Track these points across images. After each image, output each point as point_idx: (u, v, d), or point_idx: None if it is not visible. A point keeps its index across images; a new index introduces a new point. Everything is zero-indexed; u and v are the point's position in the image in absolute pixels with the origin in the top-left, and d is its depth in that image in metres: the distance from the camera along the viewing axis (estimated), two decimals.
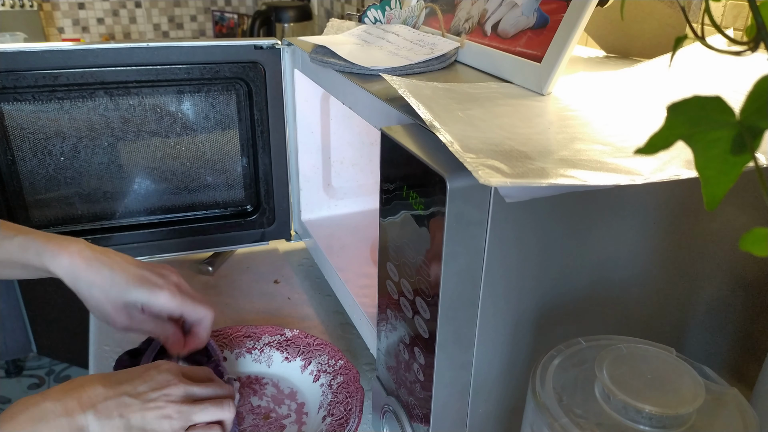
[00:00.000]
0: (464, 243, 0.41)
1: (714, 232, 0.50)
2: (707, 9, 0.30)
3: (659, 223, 0.48)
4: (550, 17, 0.56)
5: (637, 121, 0.49)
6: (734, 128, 0.23)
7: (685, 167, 0.40)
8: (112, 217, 0.85)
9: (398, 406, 0.54)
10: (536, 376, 0.40)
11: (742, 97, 0.23)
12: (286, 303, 0.86)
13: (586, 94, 0.56)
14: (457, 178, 0.39)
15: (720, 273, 0.53)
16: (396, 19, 0.78)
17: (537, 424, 0.38)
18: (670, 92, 0.57)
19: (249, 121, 0.85)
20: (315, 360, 0.71)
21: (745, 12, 0.70)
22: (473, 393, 0.47)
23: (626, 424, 0.36)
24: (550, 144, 0.43)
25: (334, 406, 0.64)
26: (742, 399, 0.38)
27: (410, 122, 0.48)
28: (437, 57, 0.63)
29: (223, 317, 0.83)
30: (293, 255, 1.00)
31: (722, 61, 0.61)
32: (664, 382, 0.37)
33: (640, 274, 0.49)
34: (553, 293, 0.46)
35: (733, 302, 0.55)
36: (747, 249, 0.23)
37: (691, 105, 0.23)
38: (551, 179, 0.37)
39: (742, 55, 0.29)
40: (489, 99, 0.53)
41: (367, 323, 0.67)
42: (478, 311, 0.44)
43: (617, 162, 0.41)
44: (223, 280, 0.92)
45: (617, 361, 0.39)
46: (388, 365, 0.55)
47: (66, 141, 0.79)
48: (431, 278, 0.43)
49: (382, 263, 0.52)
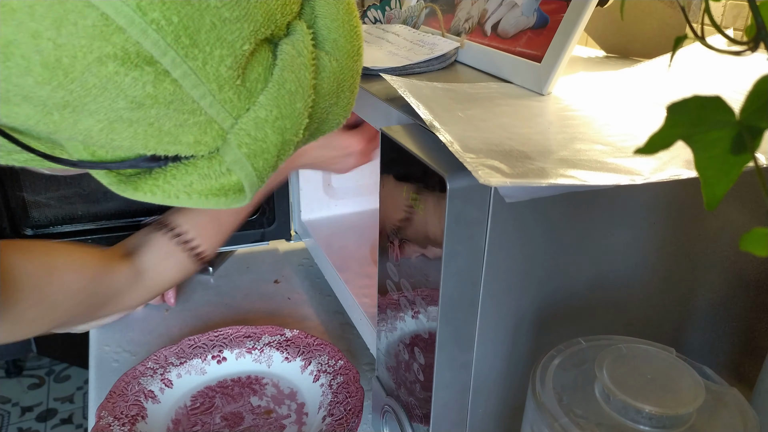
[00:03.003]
0: (464, 243, 0.41)
1: (714, 232, 0.50)
2: (707, 9, 0.30)
3: (659, 223, 0.48)
4: (550, 17, 0.56)
5: (637, 121, 0.49)
6: (734, 128, 0.23)
7: (685, 167, 0.40)
8: (112, 217, 0.85)
9: (398, 406, 0.54)
10: (536, 376, 0.40)
11: (742, 97, 0.23)
12: (286, 303, 0.86)
13: (586, 94, 0.56)
14: (457, 178, 0.39)
15: (720, 273, 0.53)
16: (396, 19, 0.78)
17: (537, 424, 0.38)
18: (670, 92, 0.57)
19: None
20: (315, 360, 0.71)
21: (745, 12, 0.70)
22: (473, 393, 0.47)
23: (626, 424, 0.36)
24: (550, 144, 0.43)
25: (334, 406, 0.64)
26: (742, 399, 0.38)
27: (410, 122, 0.48)
28: (437, 57, 0.63)
29: (223, 317, 0.83)
30: (293, 255, 1.00)
31: (722, 61, 0.61)
32: (664, 382, 0.37)
33: (640, 274, 0.49)
34: (553, 293, 0.46)
35: (733, 302, 0.55)
36: (747, 249, 0.23)
37: (691, 105, 0.23)
38: (551, 179, 0.37)
39: (742, 55, 0.29)
40: (489, 99, 0.53)
41: (367, 323, 0.67)
42: (478, 311, 0.44)
43: (617, 162, 0.41)
44: (223, 280, 0.92)
45: (617, 361, 0.39)
46: (388, 365, 0.55)
47: None
48: (431, 278, 0.43)
49: (382, 263, 0.52)
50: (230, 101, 0.34)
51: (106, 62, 0.30)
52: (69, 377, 2.09)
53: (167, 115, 0.33)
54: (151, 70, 0.31)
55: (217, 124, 0.34)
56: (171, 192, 0.36)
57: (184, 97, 0.32)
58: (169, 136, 0.34)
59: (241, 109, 0.35)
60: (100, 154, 0.35)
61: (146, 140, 0.33)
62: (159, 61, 0.31)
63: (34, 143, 0.35)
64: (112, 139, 0.33)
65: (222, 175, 0.36)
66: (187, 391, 0.68)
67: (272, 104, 0.36)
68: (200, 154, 0.36)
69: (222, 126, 0.35)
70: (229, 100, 0.34)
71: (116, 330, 0.79)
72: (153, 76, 0.31)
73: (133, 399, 0.65)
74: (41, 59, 0.29)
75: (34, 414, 1.93)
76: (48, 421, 1.91)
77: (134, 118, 0.32)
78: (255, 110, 0.35)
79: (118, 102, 0.31)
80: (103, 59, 0.29)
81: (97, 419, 0.62)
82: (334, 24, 0.40)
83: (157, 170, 0.36)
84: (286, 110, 0.36)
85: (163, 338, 0.78)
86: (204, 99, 0.33)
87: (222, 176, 0.36)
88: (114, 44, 0.29)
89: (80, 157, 0.36)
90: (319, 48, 0.40)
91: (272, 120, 0.36)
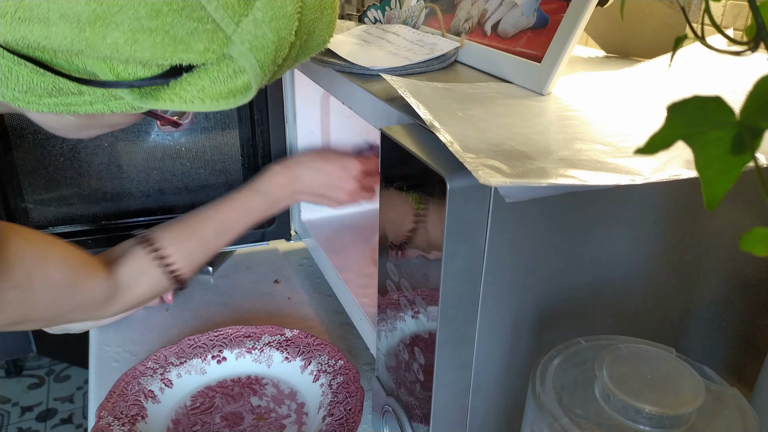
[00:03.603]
0: (464, 243, 0.41)
1: (714, 232, 0.50)
2: (707, 9, 0.30)
3: (659, 223, 0.48)
4: (550, 17, 0.56)
5: (637, 121, 0.49)
6: (734, 128, 0.23)
7: (685, 167, 0.40)
8: (112, 217, 0.85)
9: (398, 406, 0.54)
10: (536, 376, 0.40)
11: (742, 97, 0.23)
12: (286, 303, 0.86)
13: (586, 94, 0.56)
14: (457, 178, 0.39)
15: (720, 273, 0.53)
16: (396, 19, 0.78)
17: (537, 424, 0.38)
18: (670, 92, 0.57)
19: (249, 121, 0.85)
20: (315, 360, 0.71)
21: (745, 12, 0.70)
22: (473, 393, 0.47)
23: (626, 424, 0.36)
24: (550, 144, 0.43)
25: (334, 406, 0.64)
26: (742, 399, 0.38)
27: (410, 122, 0.48)
28: (437, 57, 0.63)
29: (223, 317, 0.83)
30: (293, 255, 1.00)
31: (722, 61, 0.61)
32: (664, 382, 0.37)
33: (640, 274, 0.49)
34: (553, 293, 0.46)
35: (733, 302, 0.55)
36: (747, 249, 0.23)
37: (691, 105, 0.23)
38: (551, 179, 0.37)
39: (742, 55, 0.29)
40: (489, 99, 0.53)
41: (367, 323, 0.67)
42: (478, 311, 0.44)
43: (617, 162, 0.41)
44: (223, 280, 0.92)
45: (617, 361, 0.39)
46: (388, 365, 0.55)
47: (66, 141, 0.79)
48: (431, 278, 0.43)
49: (382, 263, 0.52)
50: (231, 6, 0.39)
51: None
52: (69, 377, 2.09)
53: (180, 23, 0.38)
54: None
55: (222, 32, 0.40)
56: (186, 97, 0.42)
57: (193, 3, 0.38)
58: (182, 44, 0.39)
59: (241, 15, 0.40)
60: (123, 74, 0.40)
61: (164, 49, 0.39)
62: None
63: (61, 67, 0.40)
64: (135, 50, 0.38)
65: (230, 77, 0.42)
66: (187, 391, 0.68)
67: (267, 7, 0.41)
68: (210, 62, 0.41)
69: (226, 32, 0.40)
70: (231, 6, 0.39)
71: (116, 330, 0.79)
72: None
73: (133, 399, 0.65)
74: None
75: (34, 414, 1.93)
76: (48, 421, 1.91)
77: (153, 27, 0.37)
78: (253, 13, 0.41)
79: (139, 11, 0.36)
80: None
81: (97, 419, 0.62)
82: None
83: (173, 82, 0.42)
84: (279, 12, 0.42)
85: (163, 338, 0.78)
86: (210, 3, 0.38)
87: (230, 79, 0.42)
88: None
89: (106, 77, 0.40)
90: None
91: (268, 20, 0.41)
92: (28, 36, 0.36)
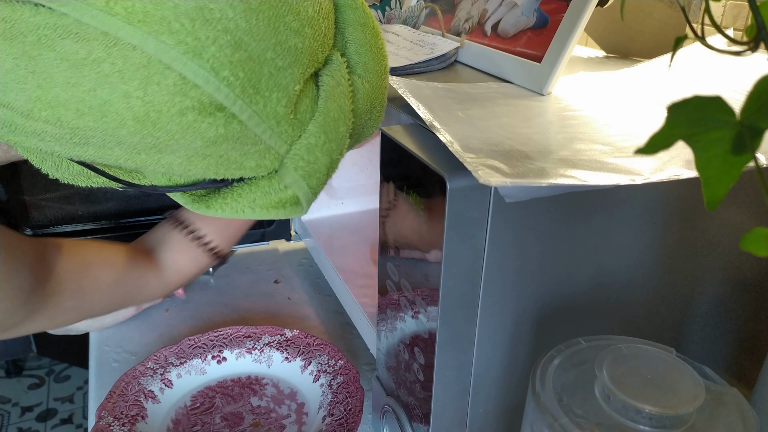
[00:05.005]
0: (464, 243, 0.41)
1: (714, 232, 0.50)
2: (707, 9, 0.30)
3: (659, 223, 0.48)
4: (550, 17, 0.56)
5: (637, 121, 0.49)
6: (734, 128, 0.23)
7: (685, 167, 0.40)
8: (112, 217, 0.85)
9: (398, 406, 0.54)
10: (536, 376, 0.40)
11: (742, 97, 0.23)
12: (286, 303, 0.86)
13: (586, 94, 0.56)
14: (457, 178, 0.39)
15: (720, 273, 0.53)
16: (396, 19, 0.78)
17: (537, 424, 0.38)
18: (670, 92, 0.57)
19: None
20: (315, 360, 0.71)
21: (745, 12, 0.70)
22: (473, 393, 0.47)
23: (626, 424, 0.36)
24: (550, 144, 0.43)
25: (334, 406, 0.64)
26: (742, 399, 0.38)
27: (410, 122, 0.48)
28: (437, 57, 0.63)
29: (223, 317, 0.83)
30: (293, 255, 1.00)
31: (722, 61, 0.61)
32: (664, 382, 0.37)
33: (640, 274, 0.49)
34: (553, 293, 0.46)
35: (733, 302, 0.55)
36: (747, 249, 0.23)
37: (691, 105, 0.23)
38: (551, 179, 0.37)
39: (742, 55, 0.29)
40: (489, 99, 0.53)
41: (367, 323, 0.67)
42: (478, 311, 0.44)
43: (617, 162, 0.41)
44: (223, 280, 0.92)
45: (617, 361, 0.39)
46: (388, 365, 0.55)
47: None
48: (431, 278, 0.43)
49: (382, 263, 0.52)
50: (285, 132, 0.40)
51: (186, 113, 0.35)
52: (69, 377, 2.09)
53: (234, 148, 0.39)
54: (222, 115, 0.36)
55: (274, 151, 0.41)
56: (237, 208, 0.43)
57: (248, 133, 0.38)
58: (235, 163, 0.40)
59: (294, 137, 0.41)
60: (175, 179, 0.42)
61: (217, 168, 0.40)
62: (229, 108, 0.36)
63: (114, 170, 0.42)
64: (189, 169, 0.39)
65: (280, 191, 0.42)
66: (187, 391, 0.68)
67: (320, 131, 0.42)
68: (260, 175, 0.42)
69: (279, 152, 0.41)
70: (285, 132, 0.40)
71: (116, 330, 0.79)
72: (224, 120, 0.37)
73: (133, 399, 0.65)
74: (132, 114, 0.34)
75: (34, 414, 1.93)
76: (48, 421, 1.91)
77: (208, 153, 0.38)
78: (306, 137, 0.41)
79: (195, 142, 0.37)
80: (184, 111, 0.35)
81: (97, 419, 0.62)
82: (363, 48, 0.46)
83: (225, 190, 0.43)
84: (332, 135, 0.42)
85: (163, 338, 0.78)
86: (265, 133, 0.39)
87: (280, 192, 0.42)
88: (192, 98, 0.35)
89: (158, 183, 0.42)
90: (353, 72, 0.46)
91: (321, 144, 0.42)
92: (83, 155, 0.37)
